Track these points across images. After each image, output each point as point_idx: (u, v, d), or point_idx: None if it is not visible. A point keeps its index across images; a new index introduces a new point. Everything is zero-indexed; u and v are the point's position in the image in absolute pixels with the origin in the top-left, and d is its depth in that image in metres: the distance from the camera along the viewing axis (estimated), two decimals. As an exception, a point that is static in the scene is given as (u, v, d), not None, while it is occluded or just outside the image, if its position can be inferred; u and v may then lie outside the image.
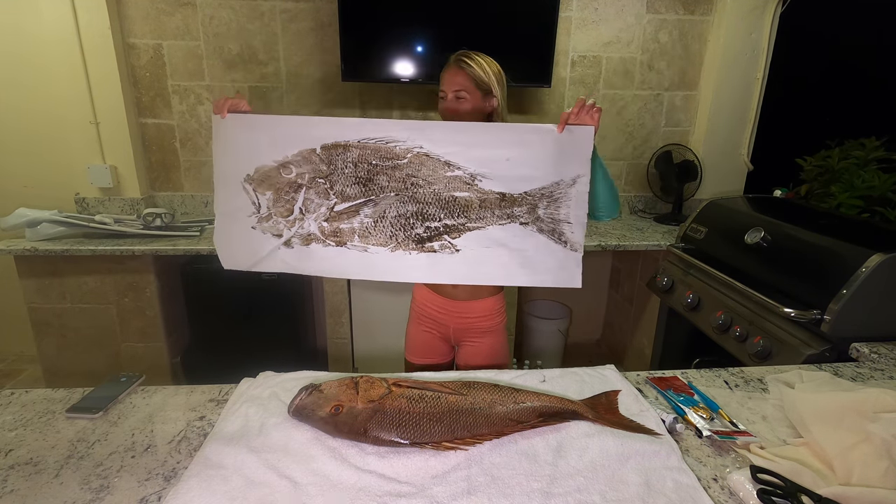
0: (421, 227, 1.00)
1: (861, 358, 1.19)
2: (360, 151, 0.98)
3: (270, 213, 1.02)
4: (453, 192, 0.99)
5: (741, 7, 2.30)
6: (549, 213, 1.01)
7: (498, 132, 0.99)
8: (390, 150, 0.98)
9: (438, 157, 0.98)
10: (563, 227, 1.02)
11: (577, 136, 0.97)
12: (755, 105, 2.44)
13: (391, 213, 1.00)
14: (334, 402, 0.80)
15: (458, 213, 1.00)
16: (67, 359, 2.11)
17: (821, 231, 1.43)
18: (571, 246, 1.03)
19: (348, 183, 0.99)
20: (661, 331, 2.13)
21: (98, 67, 2.11)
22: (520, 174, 0.99)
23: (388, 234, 1.01)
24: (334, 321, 2.15)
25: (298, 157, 0.99)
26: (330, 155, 0.99)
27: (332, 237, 1.02)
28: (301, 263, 1.05)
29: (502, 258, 1.02)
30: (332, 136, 0.98)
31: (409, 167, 0.99)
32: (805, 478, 0.71)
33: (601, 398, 0.90)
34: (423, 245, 1.01)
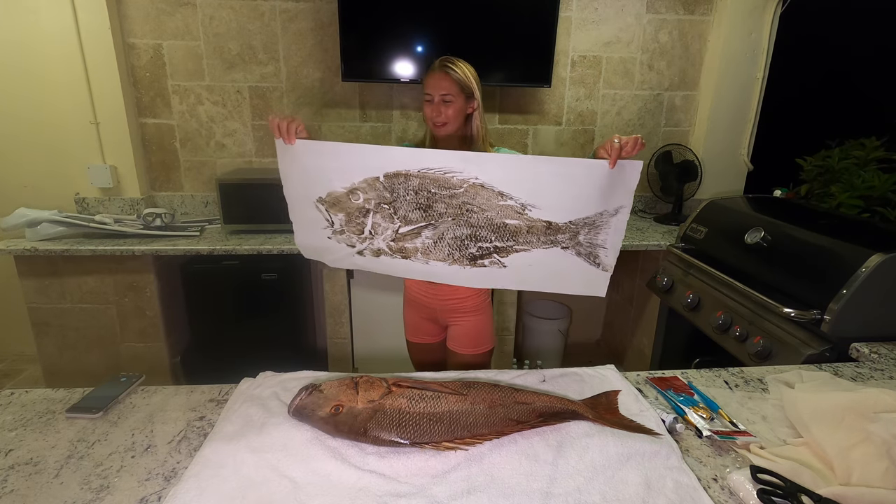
0: (474, 248, 1.12)
1: (861, 358, 1.19)
2: (420, 181, 1.07)
3: (344, 230, 1.15)
4: (504, 219, 1.08)
5: (741, 7, 2.30)
6: (589, 238, 1.09)
7: (549, 167, 1.04)
8: (448, 179, 1.07)
9: (492, 188, 1.06)
10: (598, 251, 1.11)
11: (626, 170, 1.01)
12: (755, 105, 2.44)
13: (448, 235, 1.11)
14: (334, 402, 0.80)
15: (507, 238, 1.10)
16: (67, 359, 2.11)
17: (821, 231, 1.43)
18: (603, 267, 1.11)
19: (410, 209, 1.10)
20: (661, 331, 2.13)
21: (98, 67, 2.11)
22: (567, 205, 1.06)
23: (445, 253, 1.13)
24: (334, 321, 2.15)
25: (364, 184, 1.09)
26: (392, 183, 1.08)
27: (399, 253, 1.15)
28: (373, 266, 1.19)
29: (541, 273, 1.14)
30: (394, 165, 1.06)
31: (465, 196, 1.07)
32: (805, 478, 0.71)
33: (601, 398, 0.90)
34: (476, 262, 1.13)
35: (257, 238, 2.01)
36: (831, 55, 2.38)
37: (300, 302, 2.29)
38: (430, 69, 1.33)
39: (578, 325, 2.85)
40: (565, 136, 2.50)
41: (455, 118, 1.31)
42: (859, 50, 2.28)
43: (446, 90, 1.29)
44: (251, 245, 1.93)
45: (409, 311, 1.55)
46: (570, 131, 2.50)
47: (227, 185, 2.01)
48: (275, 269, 2.06)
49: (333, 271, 2.06)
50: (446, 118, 1.30)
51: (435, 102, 1.30)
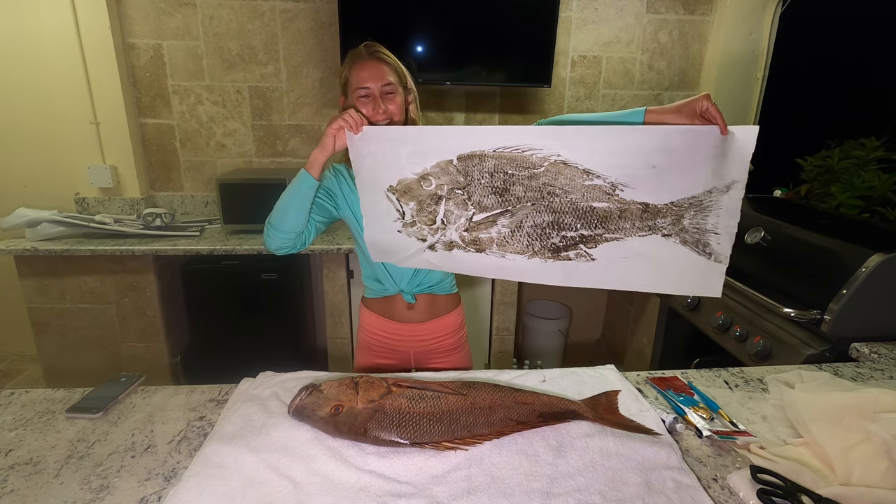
0: (557, 237, 0.98)
1: (861, 358, 1.19)
2: (496, 161, 0.95)
3: (415, 221, 1.05)
4: (591, 202, 0.94)
5: (741, 7, 2.30)
6: (696, 223, 0.93)
7: (642, 136, 0.89)
8: (526, 158, 0.94)
9: (577, 166, 0.92)
10: (708, 238, 0.93)
11: (738, 136, 0.85)
12: (755, 105, 2.44)
13: (528, 223, 0.98)
14: (334, 402, 0.80)
15: (595, 224, 0.95)
16: (67, 359, 2.11)
17: (821, 231, 1.43)
18: (716, 258, 0.94)
19: (485, 193, 0.98)
20: (661, 331, 2.13)
21: (98, 67, 2.11)
22: (666, 183, 0.90)
23: (524, 244, 1.00)
24: (334, 321, 2.15)
25: (437, 168, 0.99)
26: (466, 166, 0.98)
27: (472, 245, 1.03)
28: (444, 263, 1.08)
29: (639, 269, 0.97)
30: (468, 146, 0.96)
31: (546, 176, 0.94)
32: (805, 478, 0.71)
33: (601, 398, 0.90)
34: (559, 254, 0.99)
35: (257, 238, 2.01)
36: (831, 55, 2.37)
37: (300, 302, 2.29)
38: (355, 57, 1.09)
39: (578, 325, 2.85)
40: (565, 136, 2.50)
41: (399, 114, 1.09)
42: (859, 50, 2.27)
43: (386, 80, 1.07)
44: (251, 245, 1.93)
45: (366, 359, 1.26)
46: (570, 131, 2.50)
47: (227, 185, 2.01)
48: (275, 269, 2.06)
49: (333, 271, 2.06)
50: (389, 115, 1.07)
51: (373, 96, 1.06)
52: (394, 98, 1.08)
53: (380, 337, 1.23)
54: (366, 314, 1.25)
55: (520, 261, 1.01)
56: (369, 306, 1.25)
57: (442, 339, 1.23)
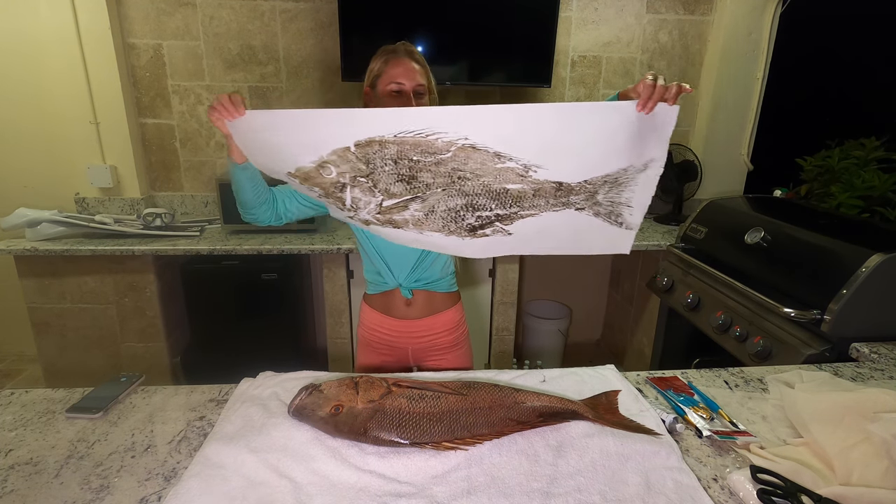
0: (472, 218, 0.95)
1: (861, 358, 1.19)
2: (399, 147, 0.88)
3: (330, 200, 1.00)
4: (505, 184, 0.90)
5: (741, 7, 2.30)
6: (610, 197, 0.92)
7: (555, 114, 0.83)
8: (431, 143, 0.87)
9: (487, 149, 0.87)
10: (621, 210, 0.93)
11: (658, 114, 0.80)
12: (755, 105, 2.44)
13: (440, 207, 0.94)
14: (334, 402, 0.80)
15: (509, 204, 0.92)
16: (67, 359, 2.11)
17: (821, 231, 1.43)
18: (627, 226, 0.95)
19: (391, 181, 0.92)
20: (661, 331, 2.13)
21: (98, 67, 2.11)
22: (580, 161, 0.87)
23: (440, 225, 0.97)
24: (334, 321, 2.15)
25: (334, 156, 0.91)
26: (366, 153, 0.89)
27: (389, 224, 0.99)
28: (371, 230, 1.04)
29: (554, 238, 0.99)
30: (365, 131, 0.87)
31: (454, 161, 0.88)
32: (805, 478, 0.71)
33: (601, 398, 0.90)
34: (476, 232, 0.97)
35: (257, 238, 2.01)
36: (831, 55, 2.37)
37: (300, 302, 2.29)
38: (391, 53, 1.08)
39: (578, 325, 2.85)
40: (565, 136, 2.50)
41: None
42: (859, 49, 2.27)
43: (419, 81, 1.06)
44: (251, 245, 1.93)
45: (367, 356, 1.26)
46: (570, 131, 2.50)
47: (227, 185, 2.01)
48: (275, 269, 2.06)
49: (333, 271, 2.06)
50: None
51: (406, 94, 1.04)
52: (423, 100, 1.07)
53: (379, 333, 1.23)
54: (366, 311, 1.26)
55: (438, 237, 0.99)
56: (369, 302, 1.26)
57: (439, 336, 1.23)
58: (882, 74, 2.20)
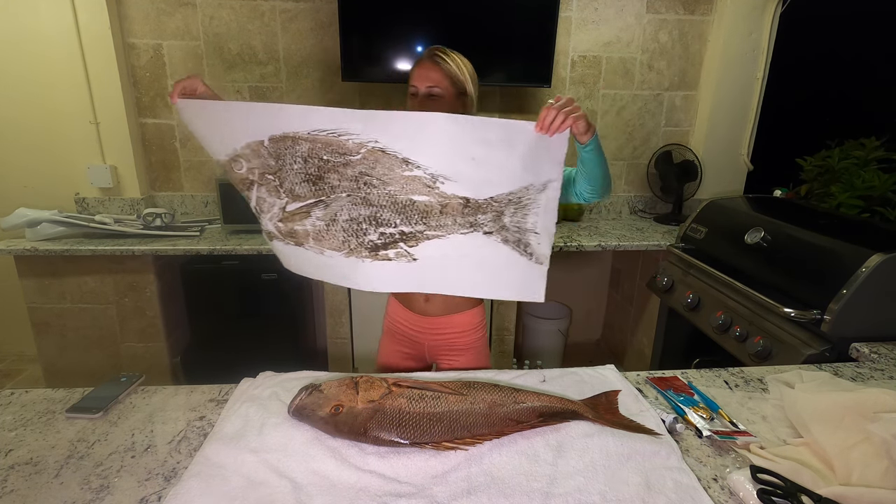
0: (375, 234, 0.91)
1: (861, 358, 1.19)
2: (311, 145, 0.87)
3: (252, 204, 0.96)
4: (411, 195, 0.89)
5: (741, 7, 2.30)
6: (516, 221, 0.93)
7: (464, 126, 0.86)
8: (342, 143, 0.87)
9: (395, 154, 0.87)
10: (529, 238, 0.94)
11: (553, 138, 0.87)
12: (755, 105, 2.44)
13: (342, 216, 0.91)
14: (334, 402, 0.80)
15: (416, 220, 0.90)
16: (67, 359, 2.11)
17: (821, 231, 1.43)
18: (537, 259, 0.95)
19: (297, 181, 0.90)
20: (661, 331, 2.13)
21: (98, 67, 2.11)
22: (486, 176, 0.89)
23: (340, 240, 0.92)
24: (334, 321, 2.15)
25: (247, 150, 0.90)
26: (278, 148, 0.89)
27: (290, 238, 0.95)
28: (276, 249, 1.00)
29: (463, 270, 0.95)
30: (281, 126, 0.87)
31: (363, 164, 0.88)
32: (805, 478, 0.71)
33: (601, 398, 0.90)
34: (377, 253, 0.93)
35: (257, 238, 2.01)
36: (831, 55, 2.38)
37: (300, 302, 2.29)
38: (418, 60, 1.15)
39: (578, 325, 2.85)
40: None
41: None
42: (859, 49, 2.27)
43: (434, 82, 1.09)
44: (251, 245, 1.93)
45: (388, 345, 1.31)
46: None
47: (227, 185, 2.01)
48: (275, 269, 2.06)
49: (333, 271, 2.06)
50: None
51: (419, 96, 1.10)
52: (438, 101, 1.09)
53: (400, 325, 1.28)
54: (391, 301, 1.32)
55: (338, 258, 0.93)
56: (395, 294, 1.31)
57: (455, 335, 1.23)
58: (882, 74, 2.20)
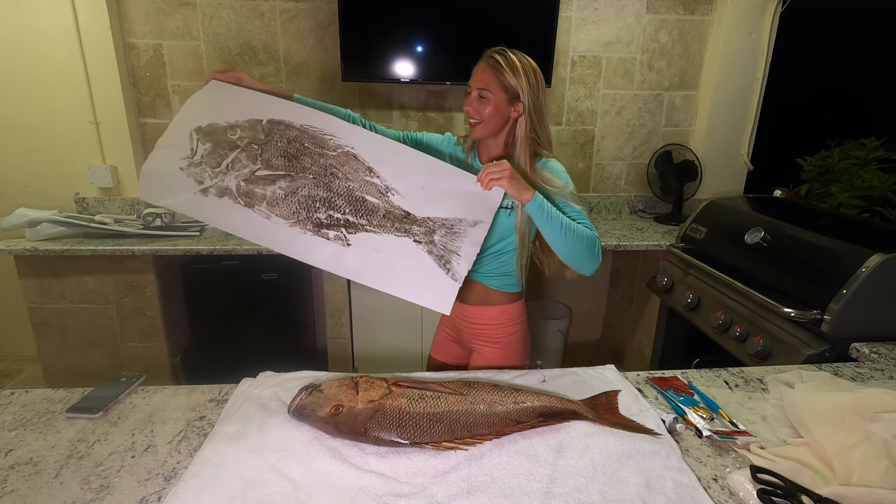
0: (323, 214, 1.08)
1: (861, 358, 1.19)
2: (299, 133, 1.08)
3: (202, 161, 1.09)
4: (365, 194, 1.08)
5: (741, 7, 2.30)
6: (444, 241, 1.10)
7: (424, 164, 1.09)
8: (324, 140, 1.08)
9: (364, 161, 1.08)
10: (451, 257, 1.10)
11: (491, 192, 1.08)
12: (755, 105, 2.44)
13: (302, 192, 1.08)
14: (334, 402, 0.80)
15: (362, 214, 1.08)
16: (67, 359, 2.11)
17: (821, 231, 1.43)
18: (453, 275, 1.10)
19: (276, 154, 1.08)
20: (661, 331, 2.13)
21: (98, 67, 2.11)
22: (429, 202, 1.09)
23: (292, 210, 1.08)
24: (334, 321, 2.15)
25: (246, 123, 1.08)
26: (272, 127, 1.08)
27: (244, 196, 1.08)
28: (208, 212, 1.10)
29: (387, 265, 1.09)
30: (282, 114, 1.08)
31: (335, 159, 1.08)
32: (805, 478, 0.71)
33: (601, 398, 0.90)
34: (319, 230, 1.08)
35: (257, 238, 2.01)
36: (831, 55, 2.38)
37: (300, 302, 2.29)
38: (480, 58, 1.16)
39: (578, 325, 2.85)
40: (565, 136, 2.50)
41: (491, 119, 1.11)
42: (859, 49, 2.28)
43: (484, 84, 1.10)
44: (251, 245, 1.93)
45: (441, 327, 1.43)
46: (570, 131, 2.50)
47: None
48: (275, 269, 2.06)
49: (333, 271, 2.06)
50: (480, 116, 1.11)
51: (471, 96, 1.12)
52: (487, 103, 1.11)
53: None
54: None
55: (281, 225, 1.08)
56: None
57: (488, 327, 1.27)
58: (882, 74, 2.20)
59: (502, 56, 1.11)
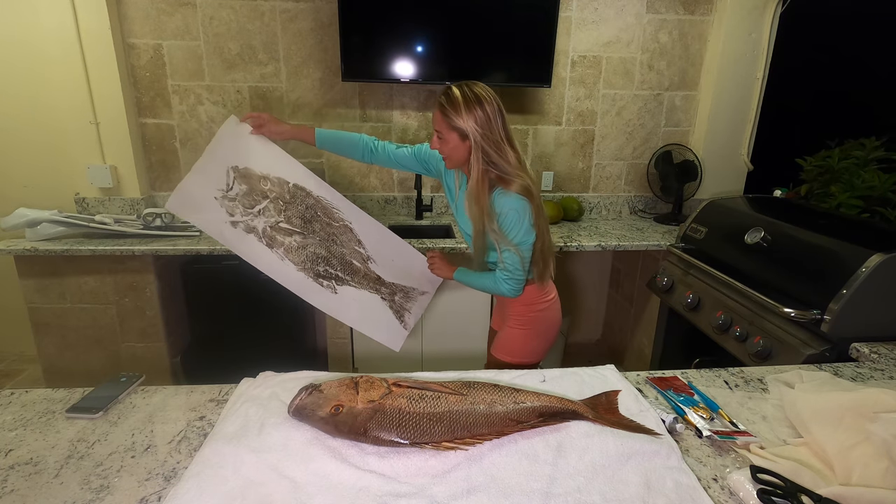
0: (322, 268, 1.44)
1: (861, 358, 1.19)
2: (315, 202, 1.44)
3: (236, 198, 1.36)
4: (353, 259, 1.48)
5: (741, 7, 2.30)
6: (400, 301, 1.55)
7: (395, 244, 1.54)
8: (332, 212, 1.46)
9: (355, 234, 1.48)
10: (404, 313, 1.56)
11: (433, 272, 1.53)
12: (755, 105, 2.44)
13: (310, 248, 1.43)
14: (334, 402, 0.80)
15: (348, 273, 1.47)
16: (67, 359, 2.11)
17: (821, 231, 1.43)
18: (405, 325, 1.56)
19: (296, 215, 1.42)
20: (661, 331, 2.13)
21: (98, 67, 2.10)
22: (395, 272, 1.53)
23: (301, 259, 1.42)
24: (334, 321, 2.14)
25: (276, 179, 1.40)
26: (296, 192, 1.42)
27: (267, 238, 1.39)
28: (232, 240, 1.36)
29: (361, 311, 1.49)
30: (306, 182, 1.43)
31: (336, 230, 1.46)
32: (805, 478, 0.71)
33: (601, 398, 0.90)
34: (317, 279, 1.44)
35: (257, 238, 2.01)
36: (831, 55, 2.38)
37: (300, 302, 2.27)
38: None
39: (578, 325, 2.85)
40: (565, 136, 2.50)
41: (453, 155, 1.24)
42: (859, 49, 2.28)
43: (437, 126, 1.23)
44: (251, 245, 1.92)
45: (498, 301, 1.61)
46: (570, 131, 2.50)
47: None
48: (275, 269, 2.06)
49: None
50: (443, 154, 1.26)
51: (433, 136, 1.26)
52: (444, 142, 1.24)
53: None
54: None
55: (290, 268, 1.41)
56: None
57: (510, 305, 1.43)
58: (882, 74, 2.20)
59: (447, 97, 1.20)
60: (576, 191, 2.60)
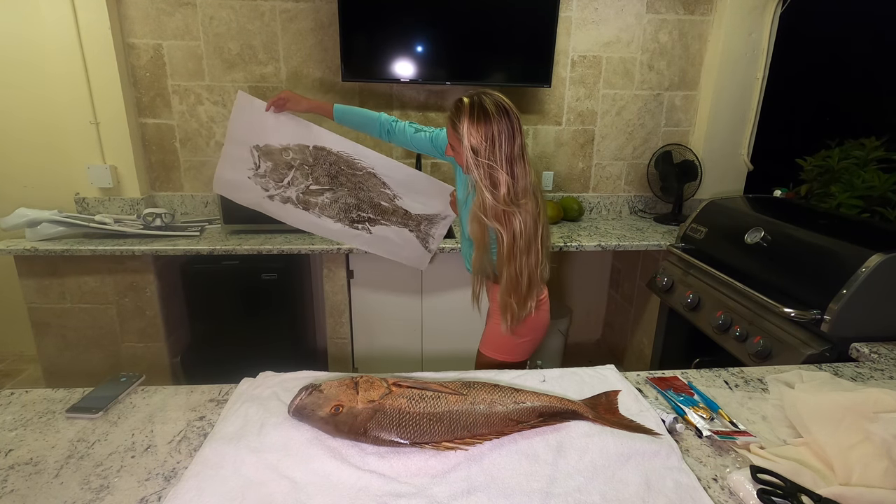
0: (355, 214, 1.63)
1: (861, 358, 1.19)
2: (337, 157, 1.56)
3: (266, 175, 1.53)
4: (381, 200, 1.64)
5: (741, 7, 2.30)
6: (426, 228, 1.71)
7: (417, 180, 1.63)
8: (354, 163, 1.57)
9: (380, 178, 1.60)
10: (428, 239, 1.73)
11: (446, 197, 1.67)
12: (755, 105, 2.44)
13: (341, 201, 1.61)
14: (334, 402, 0.80)
15: (378, 214, 1.65)
16: (67, 359, 2.11)
17: (821, 231, 1.43)
18: (429, 249, 1.75)
19: (322, 174, 1.56)
20: (661, 331, 2.13)
21: (98, 67, 2.10)
22: (420, 203, 1.66)
23: (335, 212, 1.61)
24: (334, 321, 2.15)
25: (296, 147, 1.52)
26: (318, 153, 1.54)
27: (302, 204, 1.58)
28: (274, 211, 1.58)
29: (392, 244, 1.71)
30: (324, 142, 1.54)
31: (361, 178, 1.59)
32: (805, 478, 0.71)
33: (601, 398, 0.90)
34: (353, 224, 1.65)
35: (257, 238, 2.01)
36: (831, 55, 2.38)
37: (300, 302, 2.29)
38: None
39: (578, 325, 2.85)
40: (565, 136, 2.50)
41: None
42: (859, 49, 2.27)
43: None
44: (251, 245, 1.93)
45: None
46: (570, 131, 2.50)
47: (227, 185, 2.01)
48: (275, 269, 2.06)
49: (333, 271, 2.06)
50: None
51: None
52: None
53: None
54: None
55: (328, 221, 1.62)
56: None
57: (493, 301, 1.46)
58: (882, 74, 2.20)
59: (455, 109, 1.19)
60: (576, 191, 2.60)
